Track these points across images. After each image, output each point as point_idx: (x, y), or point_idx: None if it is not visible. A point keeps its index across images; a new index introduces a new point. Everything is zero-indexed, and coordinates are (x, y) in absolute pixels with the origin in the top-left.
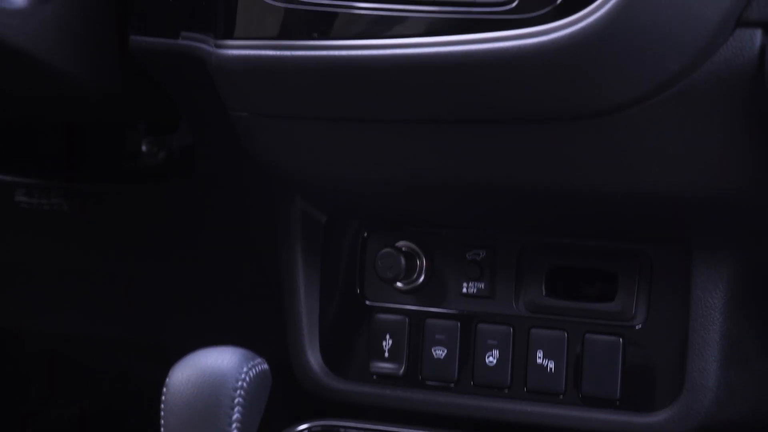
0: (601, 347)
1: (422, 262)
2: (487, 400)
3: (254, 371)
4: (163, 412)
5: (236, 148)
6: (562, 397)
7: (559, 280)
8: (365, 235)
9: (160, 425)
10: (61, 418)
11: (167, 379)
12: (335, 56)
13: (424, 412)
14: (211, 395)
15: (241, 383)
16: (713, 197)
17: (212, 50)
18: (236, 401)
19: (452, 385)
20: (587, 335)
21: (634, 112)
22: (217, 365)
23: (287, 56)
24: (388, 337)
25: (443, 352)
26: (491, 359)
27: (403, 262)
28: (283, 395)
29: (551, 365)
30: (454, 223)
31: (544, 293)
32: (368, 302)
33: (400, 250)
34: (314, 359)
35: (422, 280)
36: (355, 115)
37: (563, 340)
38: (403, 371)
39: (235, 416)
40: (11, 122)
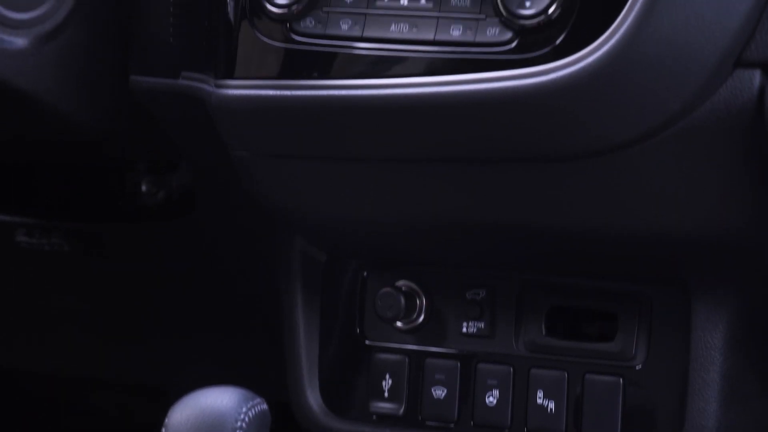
0: (601, 387)
1: (422, 301)
2: None
3: (254, 411)
4: None
5: (236, 187)
6: None
7: (559, 319)
8: (365, 274)
9: None
10: None
11: (166, 419)
12: (335, 96)
13: None
14: None
15: (240, 423)
16: (713, 238)
17: (212, 90)
18: None
19: (452, 425)
20: (587, 375)
21: (633, 151)
22: (216, 405)
23: (287, 96)
24: (387, 376)
25: (443, 392)
26: (491, 399)
27: (402, 301)
28: None
29: (551, 405)
30: (453, 262)
31: (544, 333)
32: (368, 342)
33: (399, 289)
34: (314, 399)
35: (422, 319)
36: (354, 154)
37: (563, 380)
38: (402, 411)
39: None
40: (11, 162)
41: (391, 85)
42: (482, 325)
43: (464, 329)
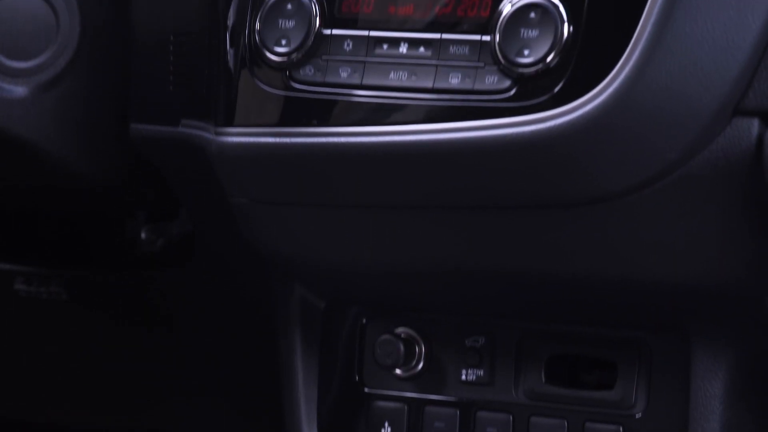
0: None
1: (421, 348)
2: None
3: None
4: None
5: (235, 234)
6: None
7: (558, 367)
8: (364, 321)
9: None
10: None
11: None
12: (334, 143)
13: None
14: None
15: None
16: (712, 286)
17: (212, 138)
18: None
19: None
20: (587, 424)
21: (631, 199)
22: None
23: (287, 143)
24: (386, 424)
25: None
26: None
27: (402, 348)
28: None
29: None
30: (452, 309)
31: (543, 381)
32: (367, 389)
33: (399, 336)
34: None
35: (421, 366)
36: (353, 201)
37: (563, 428)
38: None
39: None
40: (11, 210)
41: (390, 132)
42: (482, 372)
43: (463, 377)
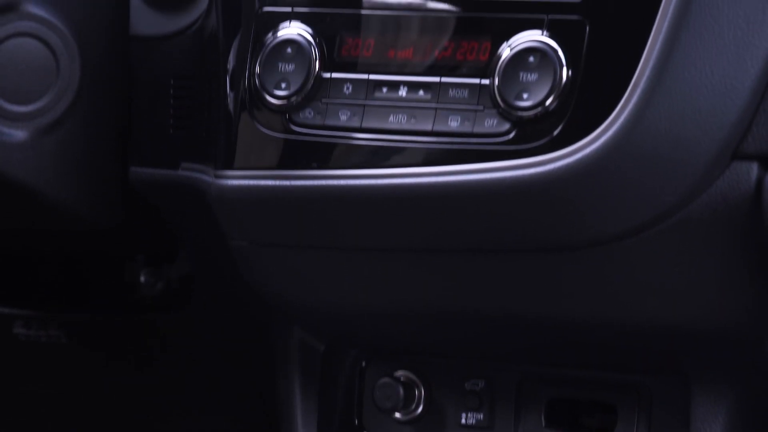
0: None
1: (421, 392)
2: None
3: None
4: None
5: (234, 277)
6: None
7: (558, 411)
8: (363, 364)
9: None
10: None
11: None
12: (334, 185)
13: None
14: None
15: None
16: (712, 330)
17: (212, 180)
18: None
19: None
20: None
21: (629, 243)
22: None
23: (286, 186)
24: None
25: None
26: None
27: (401, 392)
28: None
29: None
30: (452, 352)
31: (543, 424)
32: None
33: (398, 380)
34: None
35: (421, 410)
36: (353, 244)
37: None
38: None
39: None
40: (10, 253)
41: (389, 175)
42: (481, 416)
43: (463, 420)
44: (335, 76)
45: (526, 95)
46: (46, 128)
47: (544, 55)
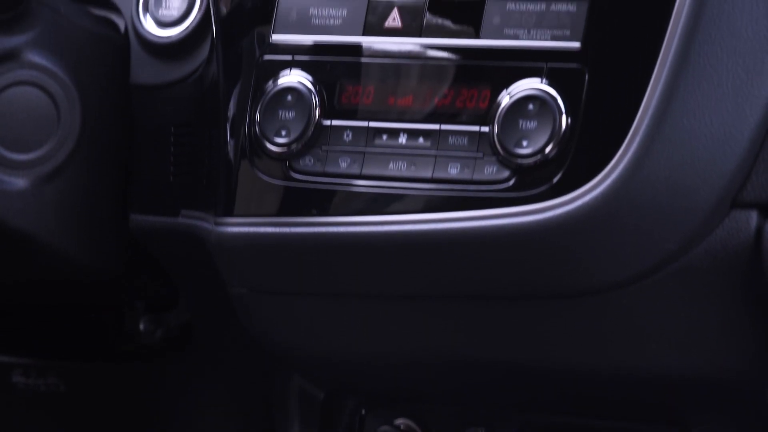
0: None
1: None
2: None
3: None
4: None
5: (234, 324)
6: None
7: None
8: (363, 412)
9: None
10: None
11: None
12: (334, 233)
13: None
14: None
15: None
16: (712, 378)
17: (212, 228)
18: None
19: None
20: None
21: (629, 291)
22: None
23: (286, 233)
24: None
25: None
26: None
27: None
28: None
29: None
30: (452, 400)
31: None
32: None
33: (398, 428)
34: None
35: None
36: (353, 291)
37: None
38: None
39: None
40: (9, 302)
41: (389, 222)
42: None
43: None
44: (335, 123)
45: (525, 143)
46: (46, 177)
47: (543, 102)
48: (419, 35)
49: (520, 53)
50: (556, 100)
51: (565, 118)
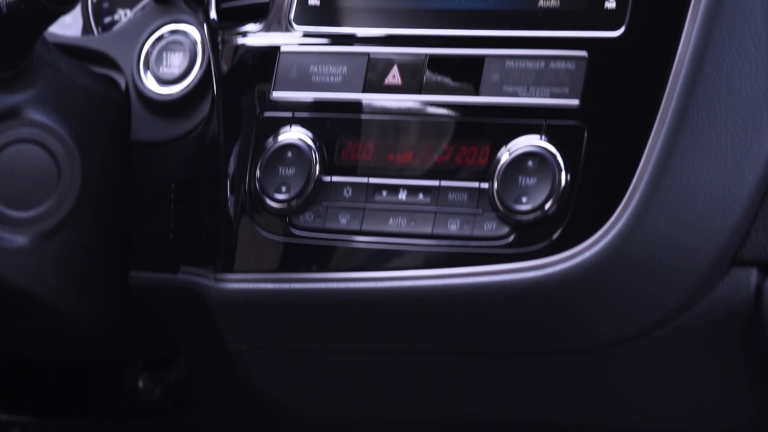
0: None
1: None
2: None
3: None
4: None
5: (233, 381)
6: None
7: None
8: None
9: None
10: None
11: None
12: (334, 288)
13: None
14: None
15: None
16: None
17: (212, 284)
18: None
19: None
20: None
21: (629, 347)
22: None
23: (286, 289)
24: None
25: None
26: None
27: None
28: None
29: None
30: None
31: None
32: None
33: None
34: None
35: None
36: (352, 347)
37: None
38: None
39: None
40: (8, 359)
41: (389, 278)
42: None
43: None
44: (335, 179)
45: (525, 199)
46: (46, 234)
47: (542, 159)
48: (419, 92)
49: (519, 110)
50: (555, 156)
51: (564, 174)
